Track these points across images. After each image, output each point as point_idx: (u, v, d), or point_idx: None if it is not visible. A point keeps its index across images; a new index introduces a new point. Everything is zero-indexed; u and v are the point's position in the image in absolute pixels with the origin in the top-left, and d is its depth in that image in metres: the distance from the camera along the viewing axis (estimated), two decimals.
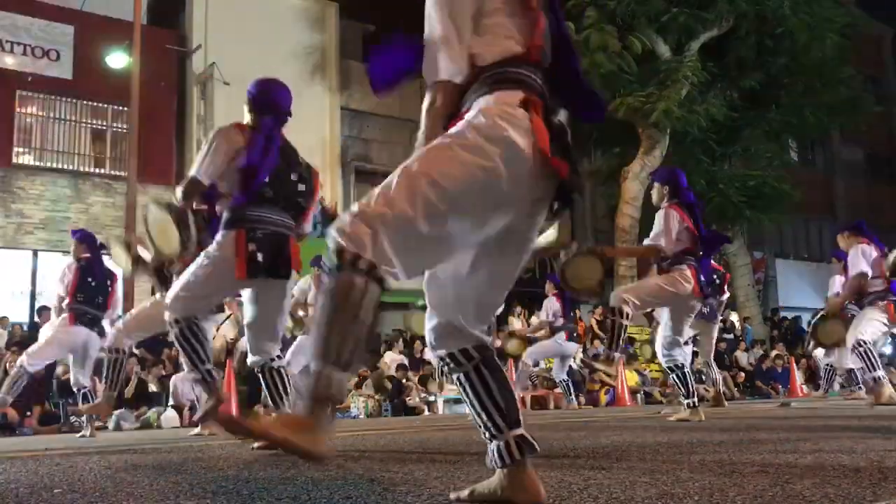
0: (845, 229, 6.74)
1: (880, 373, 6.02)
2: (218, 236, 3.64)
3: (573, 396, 10.01)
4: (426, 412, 10.93)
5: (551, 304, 9.38)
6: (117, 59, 13.32)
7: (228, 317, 12.90)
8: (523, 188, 1.69)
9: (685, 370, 5.49)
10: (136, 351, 11.36)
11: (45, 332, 6.92)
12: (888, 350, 16.19)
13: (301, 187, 3.84)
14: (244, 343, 11.35)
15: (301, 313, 7.55)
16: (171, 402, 9.93)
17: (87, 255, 6.60)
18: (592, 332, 13.70)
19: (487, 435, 1.82)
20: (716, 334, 7.82)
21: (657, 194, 5.57)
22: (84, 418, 6.68)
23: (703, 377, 8.07)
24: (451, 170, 1.64)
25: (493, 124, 1.66)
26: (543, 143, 1.67)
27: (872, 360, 5.99)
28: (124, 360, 5.47)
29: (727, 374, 13.04)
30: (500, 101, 1.71)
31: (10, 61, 13.67)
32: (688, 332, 5.83)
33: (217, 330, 12.71)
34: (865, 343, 6.00)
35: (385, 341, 12.69)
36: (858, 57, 19.36)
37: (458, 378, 1.88)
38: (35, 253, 13.57)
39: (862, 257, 6.26)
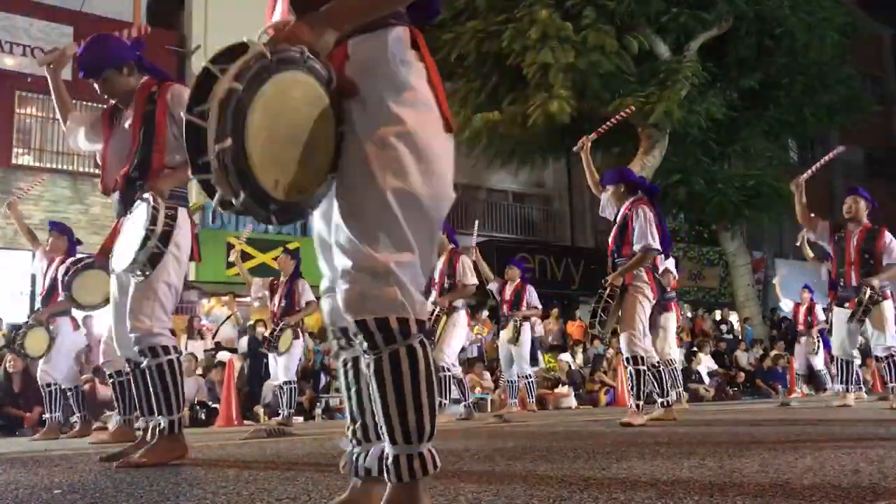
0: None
1: None
2: None
3: (515, 401, 9.20)
4: None
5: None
6: None
7: (228, 317, 12.91)
8: None
9: (659, 368, 5.47)
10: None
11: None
12: None
13: None
14: (244, 344, 11.38)
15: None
16: None
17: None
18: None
19: (390, 439, 1.51)
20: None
21: (615, 196, 5.48)
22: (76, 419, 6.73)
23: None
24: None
25: None
26: None
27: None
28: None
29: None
30: None
31: (9, 62, 13.67)
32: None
33: (217, 330, 12.73)
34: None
35: None
36: (858, 57, 19.37)
37: (372, 363, 1.52)
38: (34, 254, 13.53)
39: None
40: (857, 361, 7.75)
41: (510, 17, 13.72)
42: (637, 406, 5.07)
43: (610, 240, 5.48)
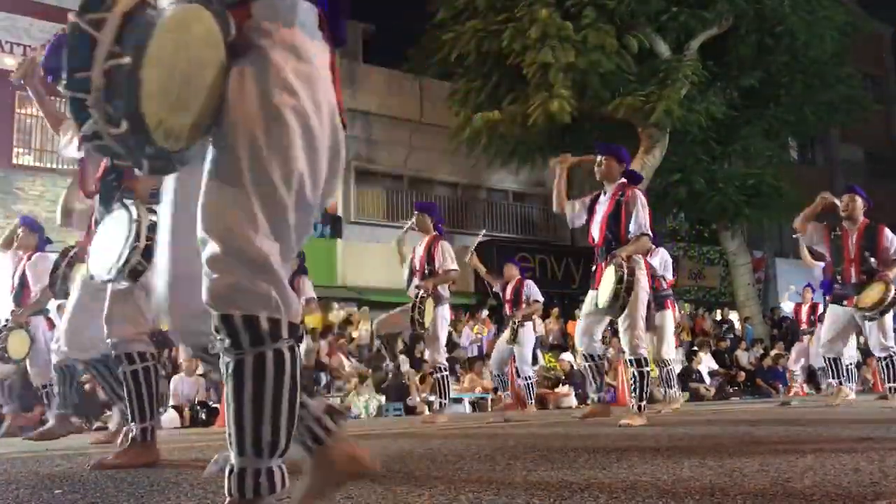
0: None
1: None
2: None
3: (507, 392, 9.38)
4: (426, 412, 10.93)
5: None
6: None
7: None
8: None
9: (602, 361, 5.43)
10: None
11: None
12: None
13: None
14: None
15: None
16: (171, 402, 9.94)
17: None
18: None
19: (238, 450, 1.35)
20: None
21: (607, 171, 5.19)
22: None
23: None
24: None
25: None
26: None
27: None
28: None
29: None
30: None
31: (9, 62, 13.66)
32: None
33: None
34: None
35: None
36: (858, 56, 19.37)
37: (232, 363, 1.35)
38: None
39: None
40: (855, 360, 7.74)
41: (510, 16, 13.73)
42: (639, 407, 5.04)
43: (597, 230, 5.17)
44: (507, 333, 8.58)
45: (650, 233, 5.04)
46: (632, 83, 14.12)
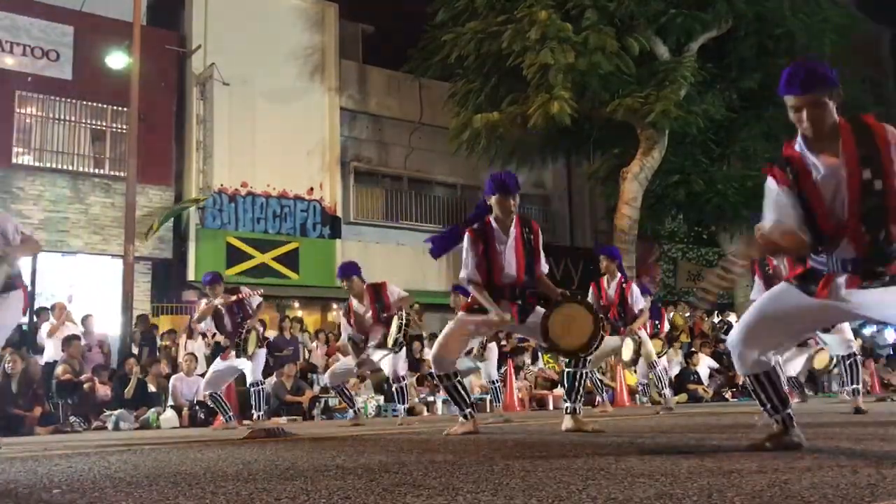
0: None
1: None
2: None
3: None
4: (425, 412, 10.94)
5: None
6: (117, 60, 13.31)
7: None
8: None
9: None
10: (134, 352, 11.40)
11: None
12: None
13: None
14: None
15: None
16: (170, 402, 9.94)
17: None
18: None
19: None
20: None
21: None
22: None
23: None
24: None
25: None
26: None
27: None
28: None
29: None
30: None
31: (9, 61, 13.67)
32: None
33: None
34: None
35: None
36: (857, 57, 19.38)
37: None
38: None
39: None
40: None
41: (510, 17, 13.73)
42: (569, 410, 4.57)
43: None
44: (475, 351, 8.50)
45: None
46: (631, 85, 14.13)
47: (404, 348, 7.38)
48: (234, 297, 7.69)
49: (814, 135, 2.72)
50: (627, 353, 7.62)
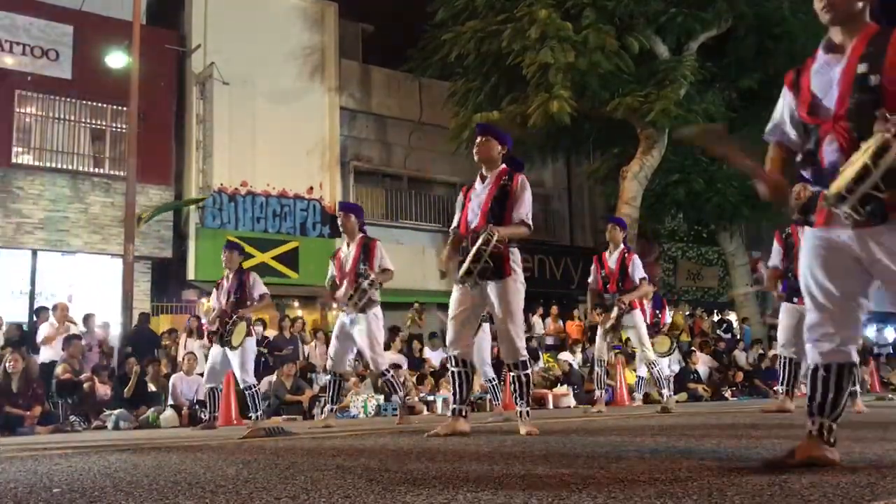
0: None
1: None
2: None
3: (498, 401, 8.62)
4: (425, 412, 10.93)
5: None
6: (117, 59, 13.31)
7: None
8: None
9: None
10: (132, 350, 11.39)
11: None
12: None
13: None
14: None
15: None
16: (170, 401, 9.94)
17: None
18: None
19: None
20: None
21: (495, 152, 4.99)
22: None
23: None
24: None
25: None
26: None
27: None
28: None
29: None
30: None
31: (9, 61, 13.66)
32: None
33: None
34: None
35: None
36: None
37: None
38: (34, 252, 13.57)
39: None
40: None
41: (510, 16, 13.72)
42: (521, 414, 4.59)
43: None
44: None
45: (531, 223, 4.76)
46: (631, 84, 14.13)
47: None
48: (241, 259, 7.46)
49: (830, 21, 2.49)
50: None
